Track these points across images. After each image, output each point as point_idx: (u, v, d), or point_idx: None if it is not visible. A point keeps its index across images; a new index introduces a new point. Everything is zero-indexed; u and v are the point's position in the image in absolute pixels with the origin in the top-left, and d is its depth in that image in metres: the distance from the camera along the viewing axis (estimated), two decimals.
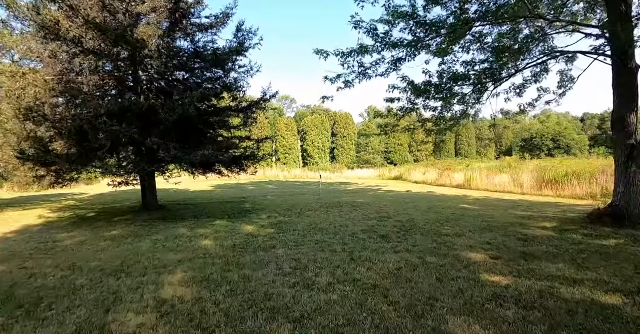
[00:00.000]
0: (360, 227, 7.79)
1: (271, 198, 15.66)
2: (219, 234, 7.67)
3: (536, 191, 16.23)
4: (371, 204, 12.11)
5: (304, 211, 10.92)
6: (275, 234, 7.40)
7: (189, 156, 8.35)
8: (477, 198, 14.15)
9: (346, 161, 56.46)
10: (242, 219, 9.63)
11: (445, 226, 7.82)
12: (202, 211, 11.65)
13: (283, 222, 8.86)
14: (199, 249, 6.42)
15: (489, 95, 8.85)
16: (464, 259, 5.22)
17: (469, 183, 20.58)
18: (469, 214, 9.63)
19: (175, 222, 9.54)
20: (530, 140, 69.16)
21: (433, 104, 8.64)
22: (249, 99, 11.48)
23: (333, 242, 6.44)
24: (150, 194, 12.44)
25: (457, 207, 11.05)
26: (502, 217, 8.95)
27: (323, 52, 6.50)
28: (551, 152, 65.02)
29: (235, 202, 14.21)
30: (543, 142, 67.67)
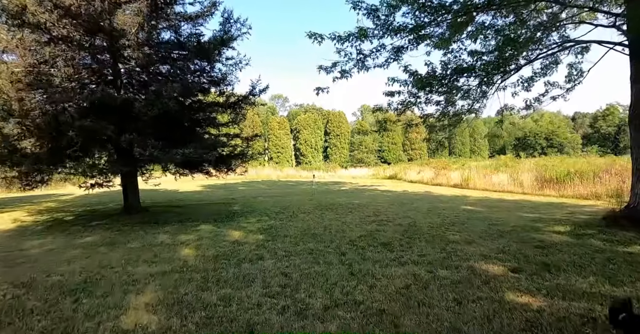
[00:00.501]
0: (358, 233, 7.07)
1: (262, 199, 14.90)
2: (202, 242, 6.91)
3: (537, 191, 15.66)
4: (368, 206, 11.40)
5: (297, 213, 10.19)
6: (264, 242, 6.65)
7: (168, 155, 7.56)
8: (479, 199, 13.51)
9: (340, 160, 55.76)
10: (229, 224, 8.87)
11: (452, 231, 7.13)
12: (188, 214, 10.87)
13: (273, 227, 8.12)
14: (177, 260, 5.66)
15: (496, 89, 8.18)
16: (481, 273, 4.52)
17: (466, 183, 19.99)
18: (474, 217, 8.96)
19: (156, 227, 8.75)
20: (524, 139, 69.11)
21: (436, 99, 7.96)
22: (238, 95, 10.69)
23: (329, 252, 5.71)
24: (132, 196, 11.63)
25: (460, 209, 10.38)
26: (510, 221, 8.29)
27: (317, 36, 5.75)
28: (544, 151, 64.95)
29: (224, 204, 13.43)
30: (537, 141, 67.69)
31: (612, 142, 68.48)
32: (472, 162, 43.87)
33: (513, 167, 24.04)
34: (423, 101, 7.82)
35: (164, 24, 9.80)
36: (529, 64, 7.84)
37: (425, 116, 8.25)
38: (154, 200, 15.59)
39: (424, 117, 8.26)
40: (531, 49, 7.60)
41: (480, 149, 70.31)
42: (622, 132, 66.61)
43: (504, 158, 38.82)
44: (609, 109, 70.20)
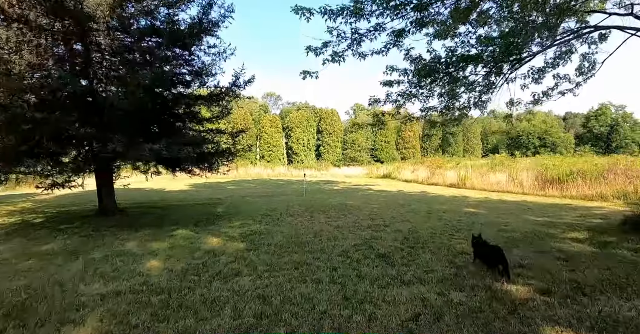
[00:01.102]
0: (352, 241, 6.21)
1: (250, 200, 14.01)
2: (173, 252, 6.03)
3: (538, 191, 14.95)
4: (362, 208, 10.56)
5: (285, 216, 9.32)
6: (244, 252, 5.78)
7: (134, 152, 6.63)
8: (479, 200, 12.75)
9: (332, 159, 54.90)
10: (209, 229, 7.99)
11: (458, 239, 6.31)
12: (167, 217, 9.96)
13: (257, 233, 7.24)
14: (138, 276, 4.77)
15: (504, 80, 7.36)
16: (503, 296, 3.69)
17: (463, 182, 19.25)
18: (478, 220, 8.17)
19: (129, 232, 7.85)
20: (517, 138, 68.85)
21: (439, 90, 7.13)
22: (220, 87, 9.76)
23: (318, 266, 4.85)
24: (107, 197, 10.72)
25: (462, 212, 9.58)
26: (519, 226, 7.51)
27: (305, 10, 4.87)
28: (537, 150, 64.71)
29: (208, 205, 12.52)
30: (530, 141, 67.44)
31: (604, 142, 68.48)
32: (467, 161, 43.31)
33: (509, 167, 23.37)
34: (425, 92, 7.00)
35: (138, 8, 8.84)
36: (542, 52, 7.04)
37: (426, 109, 7.43)
38: (135, 200, 14.65)
39: (425, 111, 7.43)
40: (545, 37, 6.80)
41: (473, 148, 69.88)
42: (614, 132, 66.71)
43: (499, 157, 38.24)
44: (601, 109, 70.22)
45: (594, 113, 70.76)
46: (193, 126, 11.09)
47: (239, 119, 53.64)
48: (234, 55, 10.14)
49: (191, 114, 10.72)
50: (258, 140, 55.46)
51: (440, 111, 7.40)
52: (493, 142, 74.49)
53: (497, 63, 6.65)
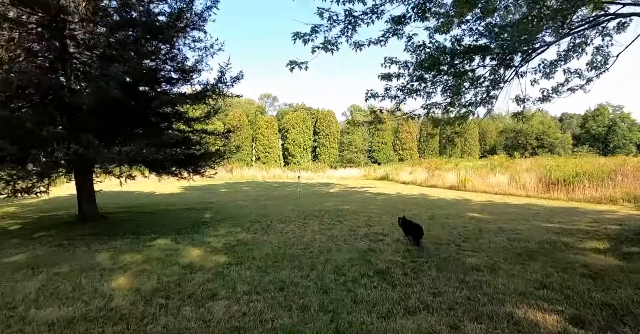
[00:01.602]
0: (347, 254, 5.52)
1: (241, 204, 13.32)
2: (146, 266, 5.34)
3: (543, 194, 14.35)
4: (359, 213, 9.88)
5: (275, 223, 8.63)
6: (225, 268, 5.08)
7: (104, 155, 5.93)
8: (482, 203, 12.10)
9: (329, 160, 54.10)
10: (192, 238, 7.31)
11: (466, 250, 5.64)
12: (150, 224, 9.26)
13: (243, 244, 6.55)
14: (100, 297, 4.10)
15: (514, 73, 6.71)
16: (530, 330, 3.02)
17: (463, 184, 18.63)
18: (486, 228, 7.50)
19: (104, 241, 7.18)
20: (514, 139, 68.44)
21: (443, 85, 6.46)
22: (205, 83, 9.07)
23: (307, 287, 4.16)
24: (87, 202, 10.05)
25: (466, 217, 8.93)
26: (532, 234, 6.85)
27: None
28: (535, 151, 64.28)
29: (196, 210, 11.82)
30: (527, 141, 66.98)
31: (601, 142, 68.15)
32: (465, 162, 42.74)
33: (509, 168, 22.80)
34: (429, 86, 6.33)
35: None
36: (555, 42, 6.40)
37: (429, 106, 6.74)
38: (122, 204, 14.02)
39: (427, 107, 6.74)
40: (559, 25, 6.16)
41: (471, 149, 69.27)
42: (612, 132, 66.38)
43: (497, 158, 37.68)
44: (599, 110, 69.92)
45: (591, 113, 70.44)
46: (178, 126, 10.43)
47: (235, 120, 52.82)
48: (222, 50, 9.48)
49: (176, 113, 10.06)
50: (254, 141, 54.68)
51: (444, 107, 6.74)
52: (491, 143, 74.03)
53: (508, 55, 6.00)
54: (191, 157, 8.74)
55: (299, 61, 4.86)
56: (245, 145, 52.65)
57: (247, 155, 53.41)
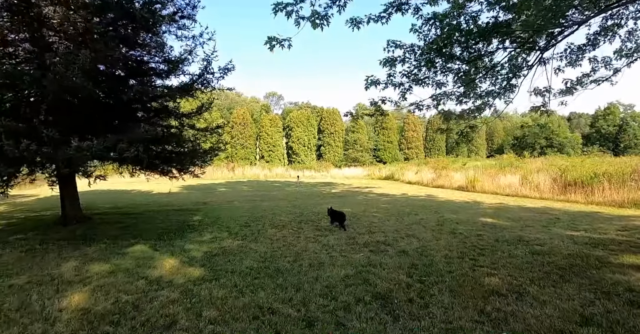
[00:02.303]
0: (342, 270, 4.67)
1: (236, 205, 12.52)
2: (110, 279, 4.62)
3: (559, 196, 13.39)
4: (360, 217, 9.03)
5: (267, 228, 7.82)
6: (196, 284, 4.29)
7: (61, 152, 5.13)
8: (495, 206, 11.19)
9: (333, 159, 53.20)
10: (172, 244, 6.56)
11: (483, 267, 4.76)
12: (134, 227, 8.56)
13: (225, 253, 5.76)
14: (42, 320, 3.46)
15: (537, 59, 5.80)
16: None
17: (472, 185, 17.69)
18: (503, 237, 6.61)
19: (78, 246, 6.57)
20: (522, 138, 67.18)
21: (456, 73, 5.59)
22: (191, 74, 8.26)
23: (286, 316, 3.32)
24: (69, 203, 9.41)
25: (479, 223, 8.04)
26: (556, 244, 5.97)
27: None
28: (544, 150, 63.03)
29: (188, 212, 11.07)
30: (536, 141, 65.70)
31: (612, 142, 66.71)
32: (473, 161, 41.69)
33: (520, 168, 21.86)
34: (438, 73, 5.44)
35: None
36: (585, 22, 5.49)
37: (438, 96, 5.82)
38: (113, 204, 13.43)
39: (437, 98, 5.82)
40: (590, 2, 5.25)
41: (478, 148, 68.19)
42: (623, 132, 64.93)
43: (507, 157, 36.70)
44: (610, 108, 68.44)
45: (602, 113, 68.95)
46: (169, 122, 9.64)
47: (239, 118, 52.23)
48: (213, 40, 8.66)
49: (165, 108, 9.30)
50: (258, 140, 53.94)
51: (457, 98, 5.84)
52: (498, 142, 72.90)
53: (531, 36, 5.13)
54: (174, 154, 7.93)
55: (280, 38, 4.00)
56: (249, 143, 51.94)
57: (251, 153, 52.70)
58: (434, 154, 61.26)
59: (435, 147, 63.28)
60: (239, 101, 73.35)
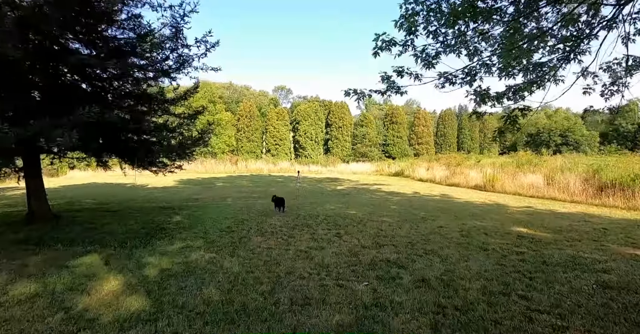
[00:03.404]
0: (336, 316, 3.18)
1: (228, 203, 11.15)
2: (21, 310, 3.51)
3: (593, 199, 11.78)
4: (366, 222, 7.56)
5: (252, 234, 6.42)
6: (120, 329, 2.93)
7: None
8: (523, 211, 9.63)
9: (341, 154, 51.61)
10: (130, 255, 5.30)
11: (542, 312, 3.25)
12: (100, 228, 7.31)
13: (185, 274, 4.37)
14: None
15: (617, 12, 4.22)
16: None
17: (491, 184, 16.08)
18: (550, 256, 5.10)
19: (25, 253, 5.39)
20: (537, 135, 64.96)
21: (496, 39, 4.07)
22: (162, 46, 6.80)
23: None
24: (36, 200, 8.41)
25: (512, 234, 6.53)
26: (628, 273, 4.45)
27: None
28: (559, 148, 60.87)
29: (171, 210, 9.74)
30: (551, 138, 63.47)
31: (630, 141, 64.26)
32: (486, 158, 39.92)
33: (539, 166, 20.22)
34: (476, 36, 3.93)
35: None
36: None
37: (472, 69, 4.27)
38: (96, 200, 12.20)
39: (472, 72, 4.27)
40: None
41: (490, 145, 66.20)
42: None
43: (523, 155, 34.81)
44: (629, 106, 65.80)
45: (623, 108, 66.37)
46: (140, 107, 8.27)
47: (245, 111, 50.90)
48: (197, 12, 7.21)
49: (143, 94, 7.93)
50: (264, 134, 52.55)
51: (501, 69, 4.26)
52: (511, 139, 70.78)
53: None
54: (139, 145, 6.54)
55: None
56: (255, 137, 50.56)
57: (257, 147, 51.34)
58: (445, 150, 59.44)
59: (446, 143, 61.47)
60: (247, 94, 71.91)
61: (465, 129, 64.25)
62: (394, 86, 4.25)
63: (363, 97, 4.28)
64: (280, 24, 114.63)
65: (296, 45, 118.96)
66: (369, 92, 4.28)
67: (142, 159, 7.16)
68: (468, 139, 64.34)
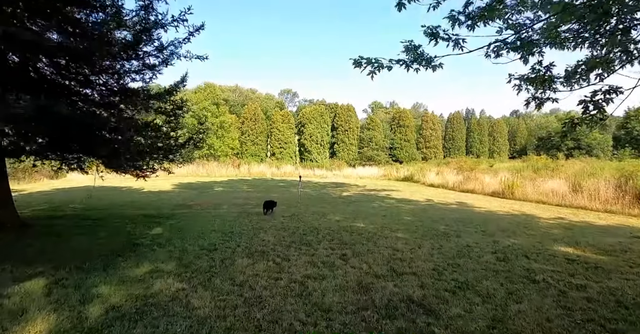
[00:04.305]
0: None
1: (222, 212, 9.98)
2: None
3: (630, 208, 10.48)
4: (378, 240, 6.31)
5: (237, 256, 5.22)
6: None
7: None
8: (558, 224, 8.33)
9: (347, 158, 50.28)
10: (79, 283, 4.23)
11: None
12: (65, 242, 6.25)
13: (135, 317, 3.22)
14: None
15: None
16: None
17: (510, 191, 14.77)
18: (621, 292, 3.87)
19: None
20: (547, 139, 63.26)
21: None
22: None
23: None
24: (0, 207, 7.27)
25: (559, 257, 5.28)
26: None
27: None
28: (571, 152, 59.13)
29: (156, 219, 8.64)
30: (562, 141, 61.69)
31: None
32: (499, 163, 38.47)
33: (558, 171, 18.85)
34: None
35: None
36: None
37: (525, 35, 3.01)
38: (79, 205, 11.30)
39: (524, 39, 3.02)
40: None
41: (500, 149, 64.62)
42: None
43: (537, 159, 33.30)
44: None
45: (634, 113, 64.51)
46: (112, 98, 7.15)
47: (250, 114, 49.92)
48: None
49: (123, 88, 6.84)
50: (269, 137, 51.42)
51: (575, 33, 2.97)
52: (521, 143, 69.19)
53: None
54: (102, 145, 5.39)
55: None
56: (259, 140, 49.45)
57: (262, 150, 50.22)
58: (454, 153, 58.00)
59: (454, 147, 60.03)
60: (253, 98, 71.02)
61: (474, 133, 62.79)
62: (423, 56, 3.05)
63: (379, 69, 3.10)
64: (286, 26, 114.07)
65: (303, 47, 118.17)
66: (388, 62, 3.08)
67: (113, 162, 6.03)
68: (477, 143, 62.84)
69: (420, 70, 3.16)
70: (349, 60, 3.04)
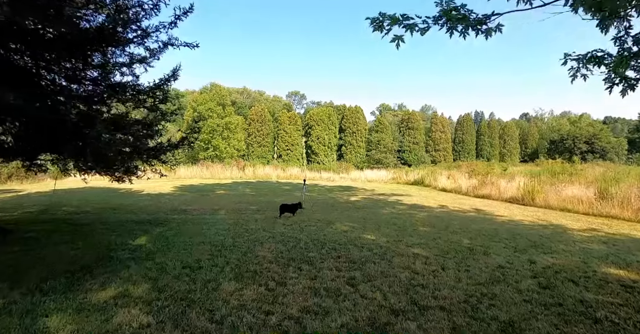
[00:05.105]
0: None
1: (218, 217, 9.18)
2: None
3: None
4: (392, 258, 5.38)
5: (224, 278, 4.35)
6: None
7: None
8: (593, 237, 7.35)
9: (355, 160, 49.31)
10: (30, 308, 3.46)
11: None
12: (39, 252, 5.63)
13: None
14: None
15: None
16: None
17: (531, 197, 13.72)
18: None
19: None
20: (560, 142, 61.69)
21: None
22: None
23: None
24: None
25: (608, 280, 4.34)
26: None
27: None
28: (584, 156, 57.55)
29: (143, 225, 7.93)
30: (575, 145, 60.12)
31: None
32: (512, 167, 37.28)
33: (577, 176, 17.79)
34: None
35: None
36: None
37: None
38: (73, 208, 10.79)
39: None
40: None
41: (511, 152, 63.15)
42: None
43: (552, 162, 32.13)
44: None
45: None
46: None
47: (256, 115, 49.26)
48: None
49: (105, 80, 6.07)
50: (276, 139, 50.66)
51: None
52: (532, 146, 67.68)
53: None
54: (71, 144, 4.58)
55: None
56: (266, 142, 48.72)
57: (269, 152, 49.48)
58: (463, 157, 56.82)
59: (464, 150, 58.77)
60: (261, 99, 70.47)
61: (485, 136, 61.51)
62: (470, 15, 2.17)
63: (411, 31, 2.22)
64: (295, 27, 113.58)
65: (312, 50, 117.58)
66: (422, 21, 2.20)
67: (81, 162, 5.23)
68: (487, 146, 61.52)
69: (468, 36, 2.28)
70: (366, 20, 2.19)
